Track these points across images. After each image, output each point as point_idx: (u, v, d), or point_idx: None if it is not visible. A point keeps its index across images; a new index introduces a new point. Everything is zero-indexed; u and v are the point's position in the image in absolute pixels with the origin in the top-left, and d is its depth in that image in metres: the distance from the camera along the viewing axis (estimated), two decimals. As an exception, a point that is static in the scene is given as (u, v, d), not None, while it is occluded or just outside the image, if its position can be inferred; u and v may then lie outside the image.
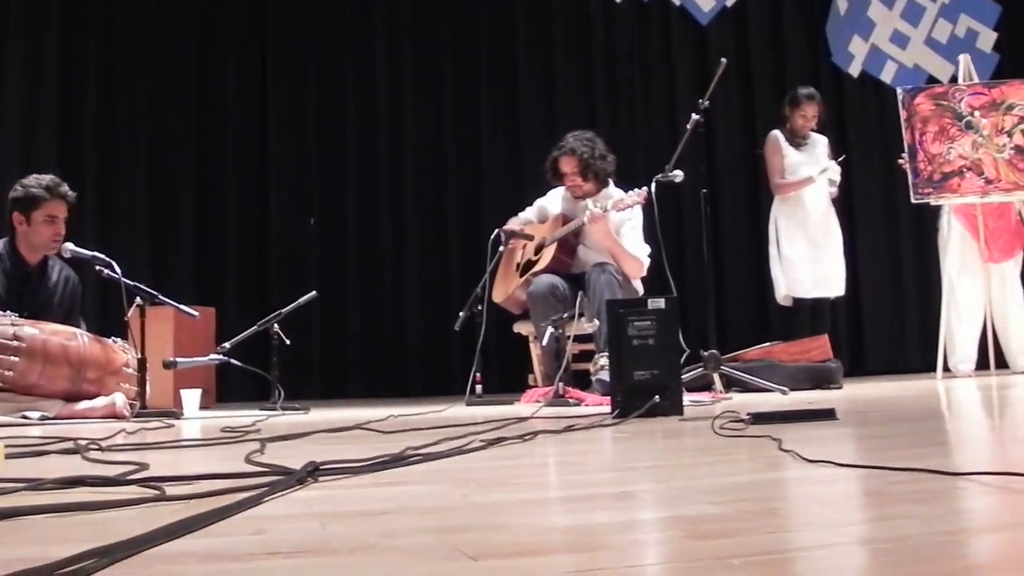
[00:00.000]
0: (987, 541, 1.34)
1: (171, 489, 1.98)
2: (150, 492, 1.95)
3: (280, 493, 1.94)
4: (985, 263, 8.56)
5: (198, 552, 1.36)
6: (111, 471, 2.39)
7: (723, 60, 6.93)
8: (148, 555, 1.31)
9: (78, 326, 6.24)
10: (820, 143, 8.66)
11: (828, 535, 1.41)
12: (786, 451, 2.44)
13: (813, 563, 1.19)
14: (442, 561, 1.27)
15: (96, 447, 3.18)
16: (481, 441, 3.08)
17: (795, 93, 8.62)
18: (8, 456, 2.94)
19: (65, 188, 6.28)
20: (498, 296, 7.61)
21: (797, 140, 8.53)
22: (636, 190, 6.95)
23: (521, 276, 7.48)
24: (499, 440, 3.14)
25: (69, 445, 3.27)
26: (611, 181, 7.47)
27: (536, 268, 7.34)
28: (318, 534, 1.49)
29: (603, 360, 6.44)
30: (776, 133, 8.61)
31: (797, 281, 8.36)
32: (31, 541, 1.51)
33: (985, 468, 2.06)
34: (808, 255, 8.36)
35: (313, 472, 2.20)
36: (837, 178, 8.39)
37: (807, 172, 8.36)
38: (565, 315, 6.50)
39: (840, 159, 8.37)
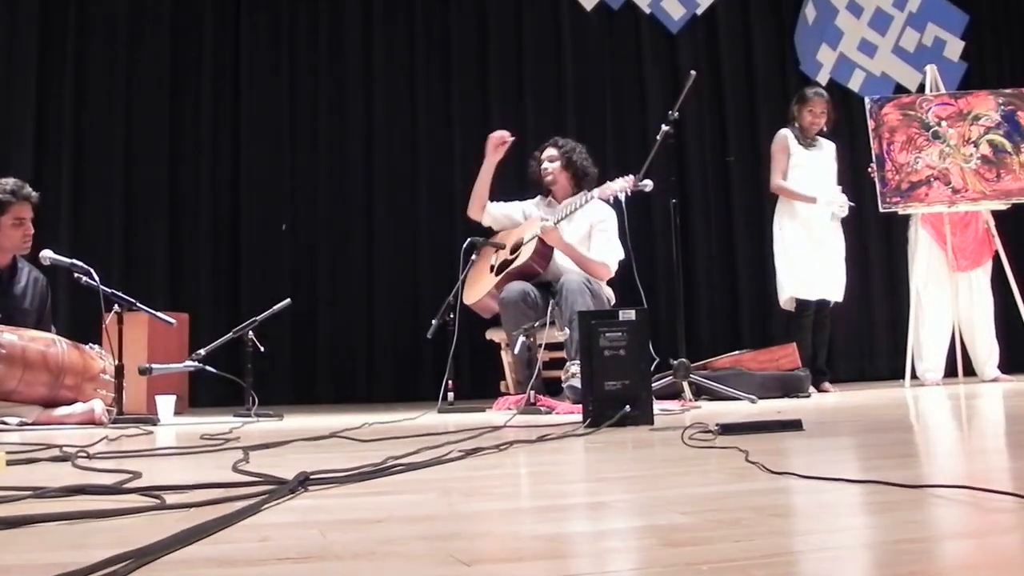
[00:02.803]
0: (936, 550, 1.44)
1: (169, 497, 2.07)
2: (150, 501, 2.04)
3: (276, 502, 2.04)
4: (953, 272, 8.68)
5: (213, 557, 1.46)
6: (106, 479, 2.46)
7: (692, 72, 7.01)
8: (167, 560, 1.41)
9: (49, 328, 6.31)
10: (828, 149, 8.56)
11: (788, 543, 1.51)
12: (752, 463, 2.53)
13: (772, 569, 1.29)
14: (439, 566, 1.36)
15: (84, 454, 3.26)
16: (459, 451, 3.15)
17: (803, 91, 8.57)
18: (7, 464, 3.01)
19: (28, 189, 6.34)
20: (470, 298, 7.66)
21: (807, 140, 8.43)
22: (624, 177, 7.06)
23: (497, 275, 7.53)
24: (476, 450, 3.22)
25: (57, 452, 3.35)
26: (588, 189, 7.55)
27: (514, 266, 7.39)
28: (319, 541, 1.58)
29: (574, 368, 6.54)
30: (786, 132, 8.51)
31: (803, 283, 8.32)
32: (50, 547, 1.59)
33: (944, 480, 2.16)
34: (813, 257, 8.29)
35: (304, 482, 2.29)
36: (842, 214, 8.31)
37: (811, 179, 8.31)
38: (536, 323, 6.56)
39: (850, 204, 8.32)
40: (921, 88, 9.77)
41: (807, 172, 8.36)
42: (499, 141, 7.55)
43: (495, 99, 10.41)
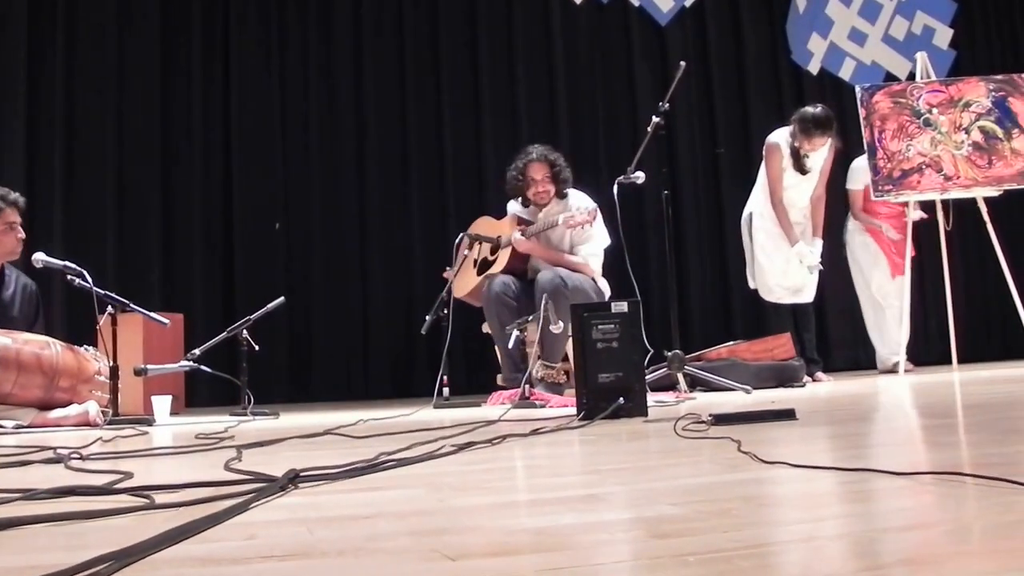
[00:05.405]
0: (927, 537, 1.44)
1: (159, 497, 2.07)
2: (140, 500, 2.04)
3: (265, 500, 2.04)
4: (894, 277, 9.12)
5: (199, 556, 1.46)
6: (97, 480, 2.46)
7: (682, 63, 7.01)
8: (153, 560, 1.41)
9: (42, 334, 6.30)
10: (820, 151, 8.23)
11: (775, 533, 1.52)
12: (744, 453, 2.54)
13: (758, 560, 1.29)
14: (423, 562, 1.36)
15: (77, 456, 3.26)
16: (452, 446, 3.15)
17: (807, 123, 8.04)
18: (-1, 467, 3.01)
19: (16, 195, 6.34)
20: (458, 292, 7.66)
21: (798, 163, 8.17)
22: (587, 209, 7.02)
23: (479, 275, 7.55)
24: (469, 444, 3.22)
25: (51, 454, 3.34)
26: (562, 196, 7.53)
27: (492, 270, 7.42)
28: (306, 538, 1.58)
29: (542, 371, 6.60)
30: (781, 146, 8.23)
31: (765, 286, 8.34)
32: (37, 549, 1.59)
33: (935, 467, 2.17)
34: (780, 268, 8.29)
35: (294, 479, 2.29)
36: (810, 264, 8.20)
37: (793, 203, 8.27)
38: (530, 318, 6.57)
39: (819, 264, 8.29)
40: (911, 76, 9.78)
41: (789, 195, 8.30)
42: None
43: (486, 94, 10.41)
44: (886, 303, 9.11)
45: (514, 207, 7.79)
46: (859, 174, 9.02)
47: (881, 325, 9.16)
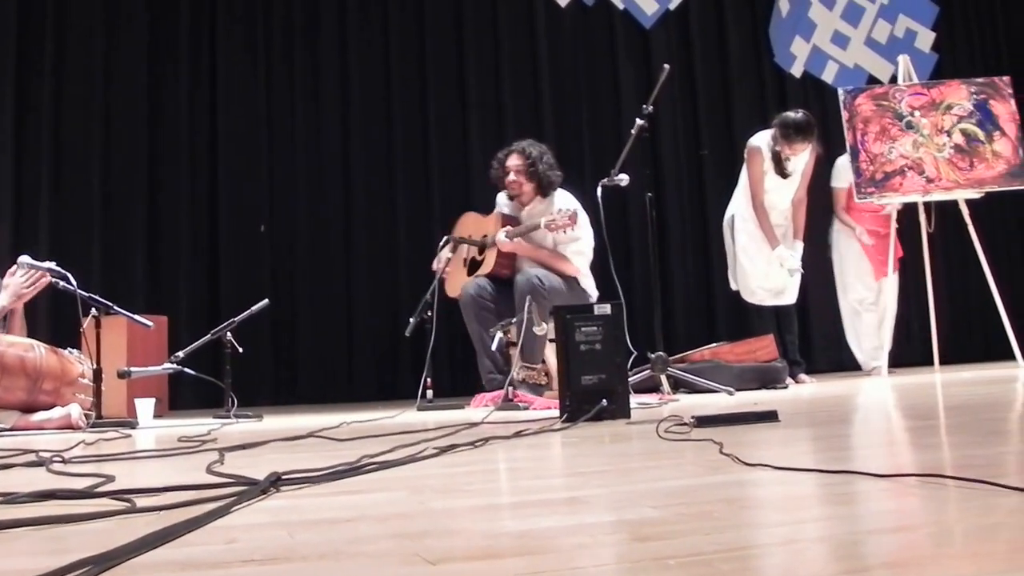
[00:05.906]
0: (909, 539, 1.44)
1: (140, 500, 2.06)
2: (121, 504, 2.03)
3: (246, 503, 2.03)
4: (877, 280, 9.08)
5: (178, 561, 1.45)
6: (79, 484, 2.44)
7: (666, 66, 7.02)
8: (132, 564, 1.40)
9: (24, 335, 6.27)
10: (801, 156, 8.28)
11: (757, 536, 1.52)
12: (726, 455, 2.54)
13: (739, 563, 1.29)
14: (404, 566, 1.36)
15: (59, 459, 3.24)
16: (434, 448, 3.15)
17: (788, 129, 8.10)
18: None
19: None
20: (451, 292, 7.66)
21: (779, 167, 8.25)
22: (567, 212, 6.97)
23: (469, 275, 7.54)
24: (451, 447, 3.21)
25: (33, 457, 3.33)
26: (554, 192, 7.50)
27: (480, 271, 7.42)
28: (287, 542, 1.58)
29: (523, 372, 6.59)
30: (762, 149, 8.29)
31: (747, 288, 8.35)
32: (17, 553, 1.59)
33: (917, 469, 2.17)
34: (762, 270, 8.32)
35: (276, 482, 2.28)
36: (791, 268, 8.28)
37: (774, 205, 8.33)
38: (513, 320, 6.56)
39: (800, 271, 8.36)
40: (894, 79, 9.80)
41: (770, 198, 8.34)
42: None
43: (472, 96, 10.39)
44: (863, 307, 9.14)
45: (502, 201, 7.79)
46: (843, 172, 9.03)
47: (858, 329, 9.19)
